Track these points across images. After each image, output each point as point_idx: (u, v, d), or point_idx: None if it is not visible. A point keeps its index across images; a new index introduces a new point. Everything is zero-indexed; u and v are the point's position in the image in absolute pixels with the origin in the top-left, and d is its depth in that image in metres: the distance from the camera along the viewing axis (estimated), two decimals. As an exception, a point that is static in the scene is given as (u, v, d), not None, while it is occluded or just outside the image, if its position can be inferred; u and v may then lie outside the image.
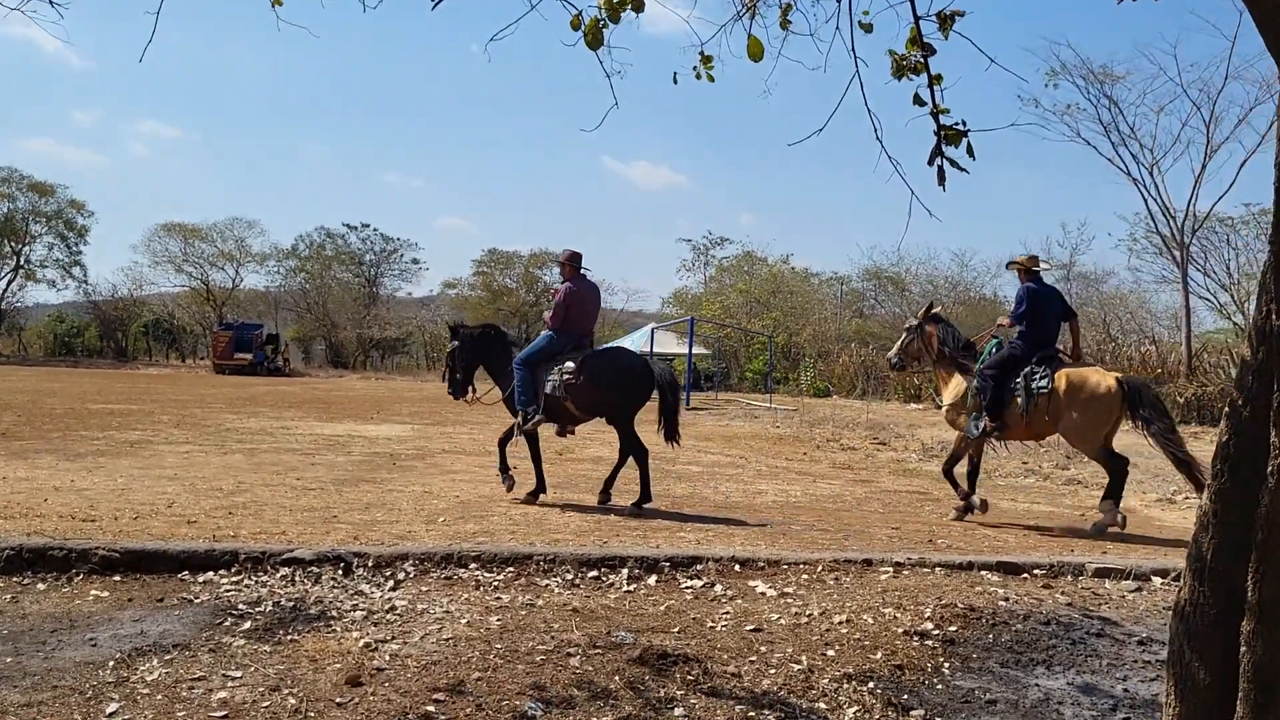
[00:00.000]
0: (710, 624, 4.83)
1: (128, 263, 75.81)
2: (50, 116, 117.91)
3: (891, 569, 5.96)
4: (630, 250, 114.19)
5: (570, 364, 8.38)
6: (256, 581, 5.24)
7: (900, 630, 4.77)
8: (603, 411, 8.59)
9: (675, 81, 4.33)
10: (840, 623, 4.87)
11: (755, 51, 3.34)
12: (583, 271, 8.79)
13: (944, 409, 9.06)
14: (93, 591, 5.02)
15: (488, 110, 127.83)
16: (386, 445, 13.17)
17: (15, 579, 5.15)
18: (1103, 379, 8.08)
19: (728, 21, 4.00)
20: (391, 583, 5.30)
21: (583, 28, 3.22)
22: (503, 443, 8.85)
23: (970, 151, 3.85)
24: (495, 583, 5.41)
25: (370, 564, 5.48)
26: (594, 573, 5.64)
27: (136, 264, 62.98)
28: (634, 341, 48.57)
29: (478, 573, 5.52)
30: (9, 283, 59.72)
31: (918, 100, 3.85)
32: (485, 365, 9.13)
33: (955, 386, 8.79)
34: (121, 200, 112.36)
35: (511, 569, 5.60)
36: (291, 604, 4.89)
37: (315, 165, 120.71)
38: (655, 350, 40.36)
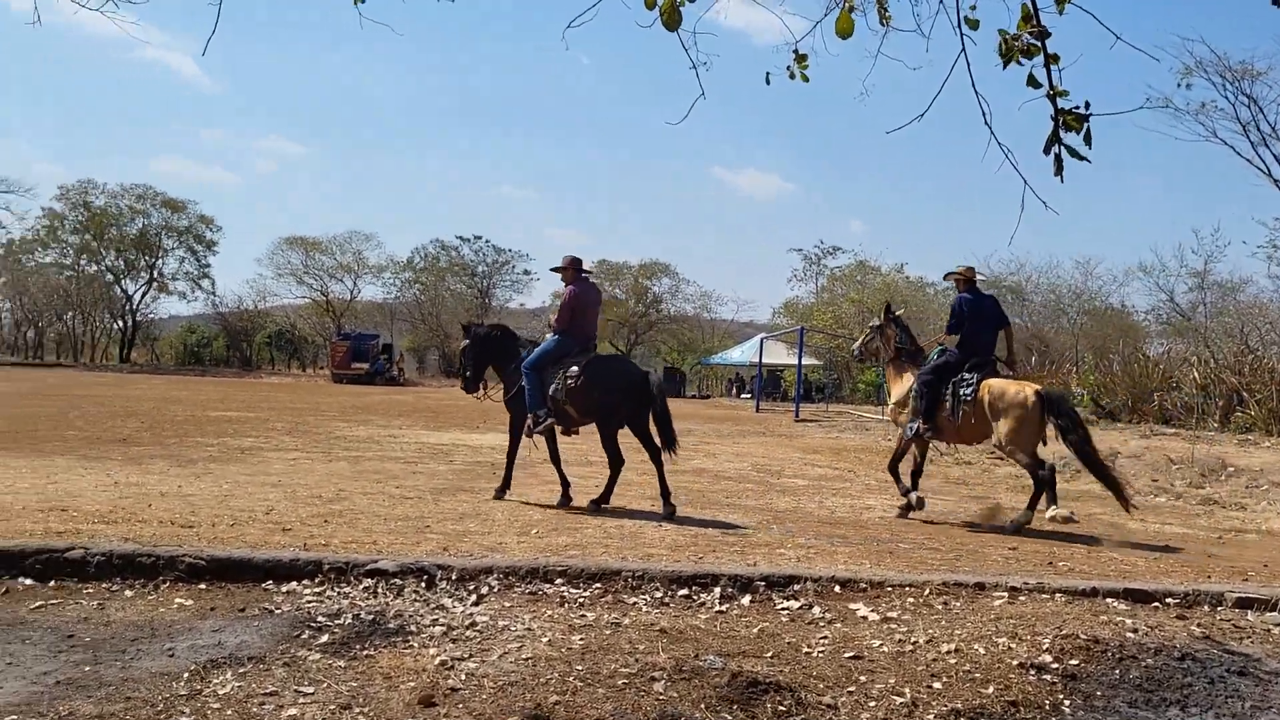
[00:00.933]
0: (806, 649, 4.52)
1: (252, 275, 78.77)
2: (181, 136, 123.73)
3: (1006, 594, 5.55)
4: (740, 259, 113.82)
5: (575, 368, 8.59)
6: (339, 593, 5.15)
7: (1015, 662, 4.39)
8: (597, 416, 8.65)
9: (768, 82, 4.07)
10: (948, 652, 4.51)
11: (844, 27, 3.06)
12: (584, 275, 9.01)
13: (890, 406, 9.73)
14: (177, 600, 4.99)
15: (599, 122, 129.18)
16: (489, 454, 13.14)
17: (105, 585, 5.16)
18: (1022, 389, 8.46)
19: (821, 18, 3.73)
20: (474, 597, 5.14)
21: (658, 6, 2.99)
22: (510, 454, 9.12)
23: (1088, 139, 3.49)
24: (581, 599, 5.20)
25: (454, 577, 5.33)
26: (685, 591, 5.39)
27: (261, 276, 65.46)
28: (743, 352, 48.19)
29: (563, 588, 5.32)
30: (143, 294, 62.62)
31: (1032, 82, 3.51)
32: (494, 364, 9.38)
33: (902, 386, 9.24)
34: (247, 215, 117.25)
35: (598, 585, 5.39)
36: (371, 617, 4.77)
37: (433, 179, 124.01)
38: (765, 360, 39.83)
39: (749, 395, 46.84)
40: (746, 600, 5.32)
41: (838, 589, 5.50)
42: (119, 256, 62.22)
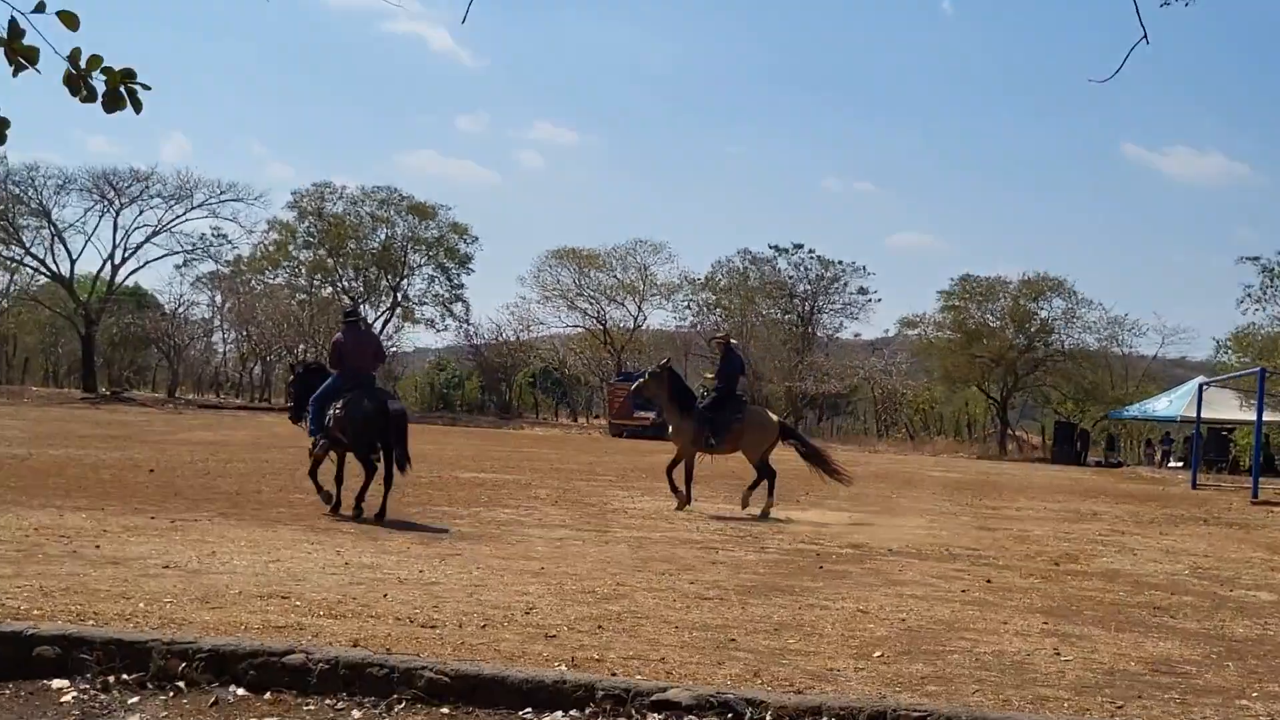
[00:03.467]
0: None
1: (514, 298, 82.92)
2: (434, 125, 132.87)
3: None
4: (1164, 273, 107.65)
5: (340, 401, 12.95)
6: (616, 730, 5.15)
7: None
8: (351, 441, 13.00)
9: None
10: None
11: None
12: (351, 322, 14.32)
13: (671, 433, 16.74)
14: (414, 727, 5.16)
15: (955, 89, 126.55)
16: (813, 539, 13.01)
17: (328, 701, 5.43)
18: (767, 418, 16.97)
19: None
20: (797, 748, 5.00)
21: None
22: (311, 473, 13.41)
23: None
24: (947, 761, 4.93)
25: (769, 717, 5.21)
26: (1099, 758, 4.99)
27: (524, 300, 68.53)
28: (1172, 403, 45.54)
29: (921, 744, 5.07)
30: (385, 322, 67.27)
31: None
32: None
33: (678, 419, 16.42)
34: (508, 221, 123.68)
35: (972, 742, 5.10)
36: (658, 768, 4.72)
37: (736, 171, 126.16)
38: (1204, 415, 37.32)
39: (1181, 464, 44.13)
40: (1194, 779, 4.86)
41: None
42: (358, 275, 67.35)
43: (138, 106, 3.94)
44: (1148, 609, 9.45)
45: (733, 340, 18.68)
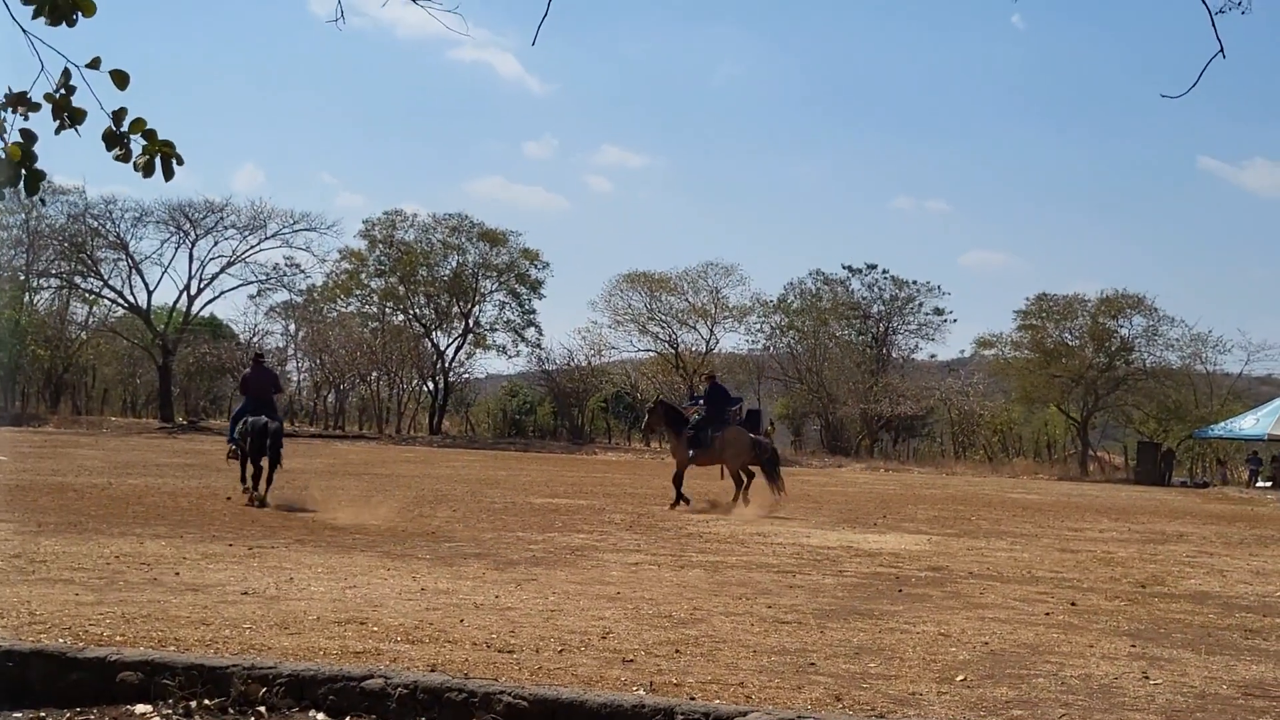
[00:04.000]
0: None
1: (584, 323, 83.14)
2: (502, 152, 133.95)
3: None
4: (1246, 286, 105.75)
5: (247, 420, 17.48)
6: (696, 755, 5.14)
7: None
8: (248, 448, 17.42)
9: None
10: None
11: None
12: (258, 362, 20.00)
13: (671, 450, 22.85)
14: (493, 751, 5.18)
15: (1027, 105, 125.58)
16: (892, 563, 12.92)
17: (408, 727, 5.46)
18: (741, 435, 20.64)
19: None
20: (880, 773, 4.95)
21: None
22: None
23: None
24: (1035, 786, 4.87)
25: (851, 742, 5.17)
26: (1193, 784, 4.89)
27: (595, 325, 68.72)
28: (1259, 421, 44.72)
29: (1008, 768, 5.01)
30: (457, 349, 67.80)
31: None
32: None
33: (674, 440, 21.62)
34: (578, 246, 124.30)
35: (1060, 767, 5.02)
36: (740, 793, 4.70)
37: (807, 192, 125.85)
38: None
39: (1270, 483, 43.30)
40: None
41: None
42: (429, 303, 67.99)
43: (168, 174, 4.09)
44: (1239, 631, 9.27)
45: (717, 375, 25.55)
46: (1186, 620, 9.67)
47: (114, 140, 4.02)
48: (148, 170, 4.07)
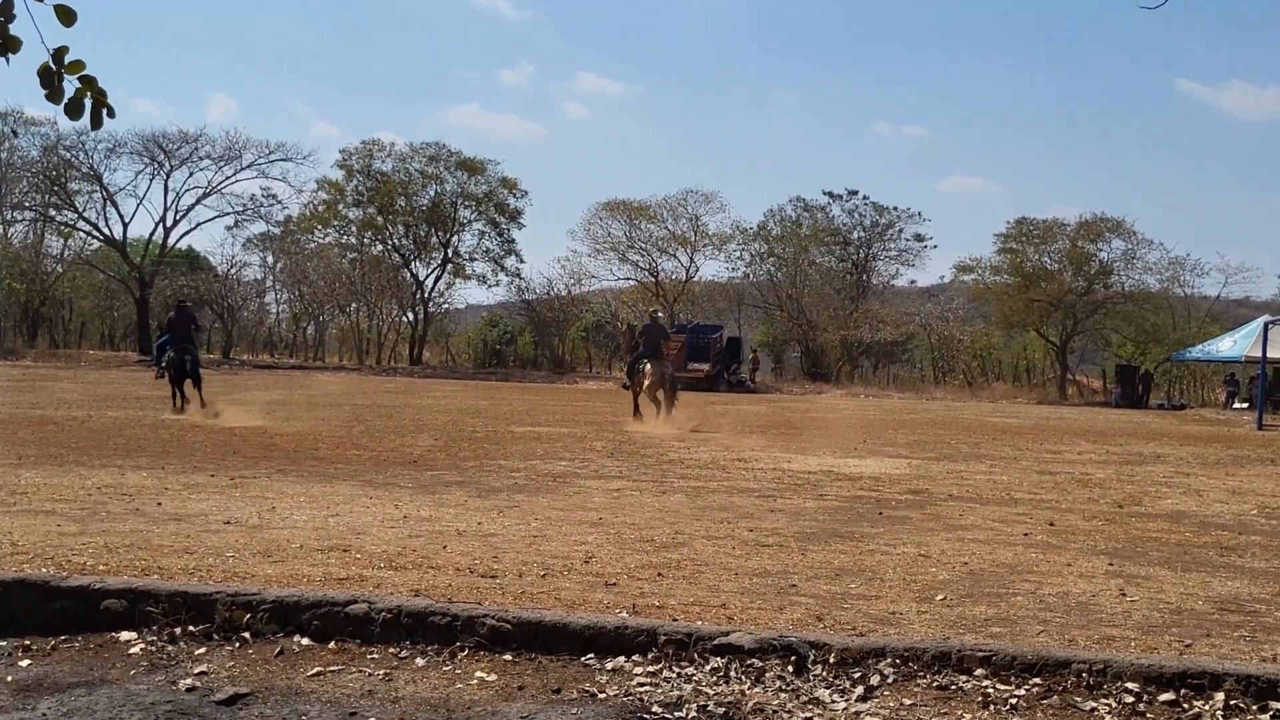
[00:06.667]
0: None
1: (564, 252, 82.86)
2: (477, 79, 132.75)
3: None
4: (1224, 209, 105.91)
5: (170, 351, 22.22)
6: (678, 674, 5.18)
7: None
8: (171, 372, 22.25)
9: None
10: None
11: None
12: (181, 307, 24.18)
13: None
14: (477, 673, 5.22)
15: (1003, 28, 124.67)
16: (872, 487, 12.99)
17: (392, 650, 5.50)
18: (660, 366, 23.53)
19: None
20: (861, 689, 5.01)
21: None
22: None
23: None
24: (1013, 700, 4.93)
25: (832, 660, 5.23)
26: (1168, 695, 4.97)
27: (575, 254, 68.58)
28: (1236, 343, 44.95)
29: (986, 683, 5.07)
30: (437, 279, 67.55)
31: None
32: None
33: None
34: (556, 174, 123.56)
35: (1038, 681, 5.09)
36: (722, 711, 4.76)
37: (785, 118, 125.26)
38: (1270, 354, 36.84)
39: (1246, 405, 43.65)
40: (1267, 718, 4.83)
41: None
42: (408, 233, 67.65)
43: (96, 122, 4.05)
44: (1215, 549, 9.37)
45: (658, 313, 30.74)
46: (1163, 539, 9.76)
47: (48, 78, 3.95)
48: (74, 112, 4.01)
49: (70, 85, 3.99)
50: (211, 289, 65.23)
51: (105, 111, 4.06)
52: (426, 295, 66.95)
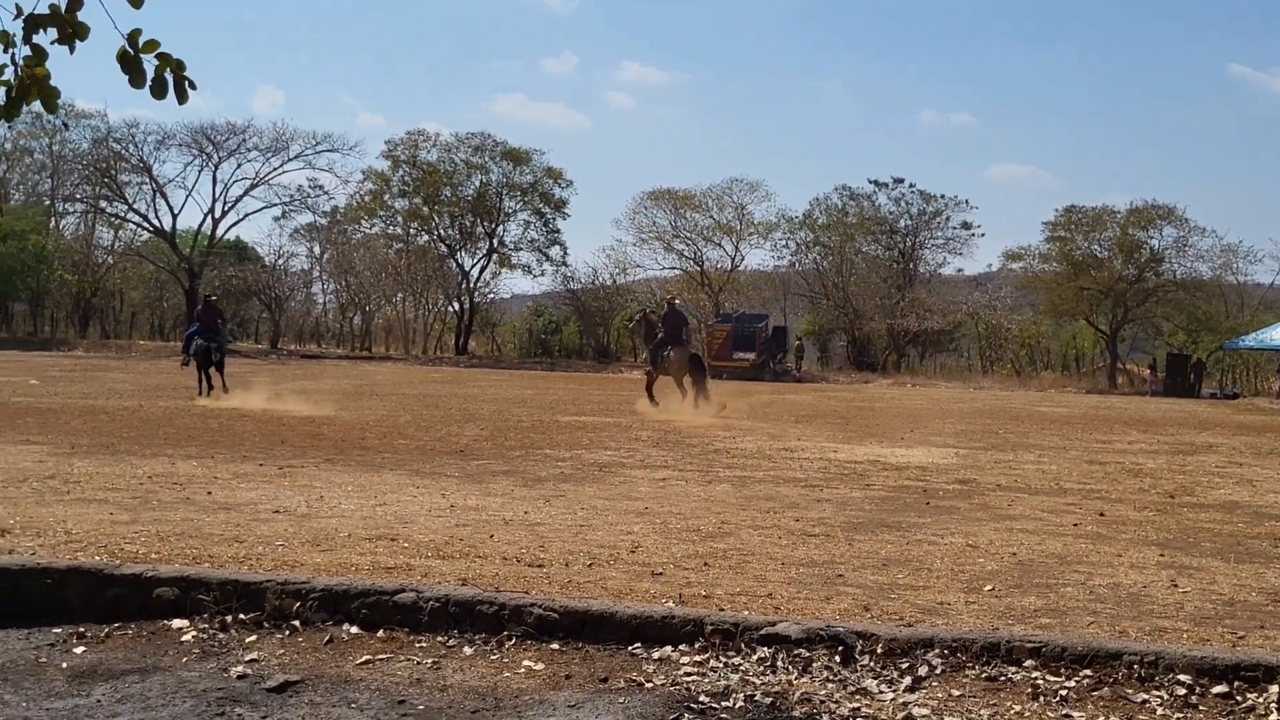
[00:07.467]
0: None
1: (609, 241, 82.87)
2: (521, 70, 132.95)
3: None
4: (1278, 195, 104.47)
5: (199, 340, 23.87)
6: (725, 663, 5.19)
7: None
8: (199, 360, 23.84)
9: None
10: None
11: None
12: (208, 300, 26.67)
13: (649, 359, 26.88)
14: (525, 662, 5.25)
15: (1052, 14, 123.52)
16: (919, 476, 12.94)
17: (440, 638, 5.54)
18: (685, 351, 24.19)
19: None
20: (909, 680, 4.99)
21: None
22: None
23: None
24: (1063, 691, 4.90)
25: (879, 650, 5.22)
26: (1220, 688, 4.92)
27: (620, 243, 68.68)
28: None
29: (1036, 674, 5.04)
30: (482, 269, 67.78)
31: None
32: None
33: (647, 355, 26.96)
34: (601, 164, 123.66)
35: (1088, 673, 5.05)
36: (769, 700, 4.76)
37: (831, 106, 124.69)
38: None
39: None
40: (1322, 708, 4.77)
41: None
42: (453, 223, 67.92)
43: (182, 97, 4.07)
44: (1268, 540, 9.26)
45: (676, 300, 29.00)
46: (1215, 529, 9.66)
47: (128, 62, 3.99)
48: (159, 90, 4.04)
49: (149, 66, 4.03)
50: (259, 279, 65.77)
51: (187, 84, 4.10)
52: (472, 285, 67.28)
